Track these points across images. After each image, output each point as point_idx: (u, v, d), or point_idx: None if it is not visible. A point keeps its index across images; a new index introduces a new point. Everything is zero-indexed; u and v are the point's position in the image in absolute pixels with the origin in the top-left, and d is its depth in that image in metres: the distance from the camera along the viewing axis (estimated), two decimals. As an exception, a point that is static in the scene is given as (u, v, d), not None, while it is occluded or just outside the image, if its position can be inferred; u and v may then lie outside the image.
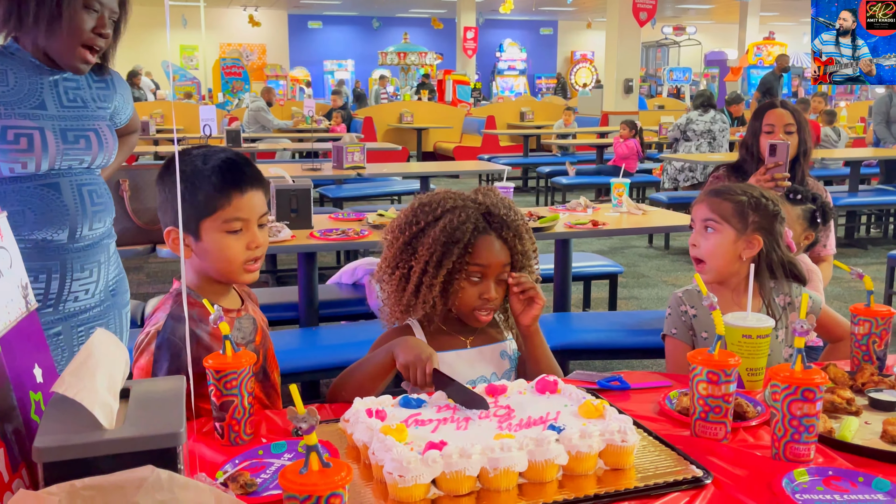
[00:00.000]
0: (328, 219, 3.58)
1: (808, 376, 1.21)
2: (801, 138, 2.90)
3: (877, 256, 6.82)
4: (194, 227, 1.47)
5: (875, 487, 1.16)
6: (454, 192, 1.65)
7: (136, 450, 0.92)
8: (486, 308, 1.61)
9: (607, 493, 1.13)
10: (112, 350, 1.00)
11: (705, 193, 1.89)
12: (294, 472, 0.92)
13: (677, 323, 1.86)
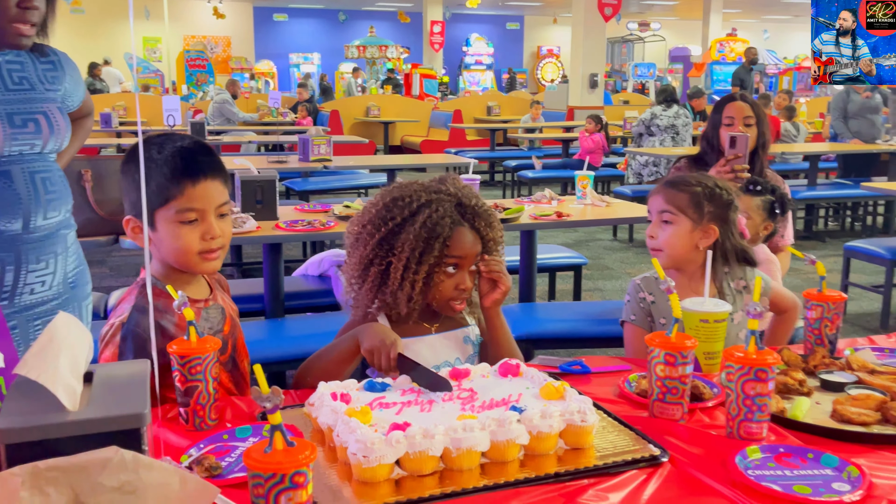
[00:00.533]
0: (294, 210, 3.58)
1: (762, 357, 1.25)
2: (759, 131, 2.96)
3: (834, 248, 6.96)
4: (149, 218, 1.45)
5: (823, 463, 1.20)
6: (423, 184, 1.65)
7: (99, 431, 0.93)
8: (461, 298, 1.63)
9: (567, 471, 1.16)
10: (75, 333, 1.01)
11: (661, 185, 1.93)
12: (258, 451, 0.94)
13: (636, 309, 1.89)
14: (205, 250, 1.49)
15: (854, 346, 1.76)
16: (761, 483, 1.13)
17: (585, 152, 8.53)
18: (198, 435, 1.30)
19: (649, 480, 1.15)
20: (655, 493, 1.12)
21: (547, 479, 1.14)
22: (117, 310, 1.47)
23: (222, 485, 1.12)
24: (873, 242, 4.88)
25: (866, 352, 1.68)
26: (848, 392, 1.45)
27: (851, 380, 1.50)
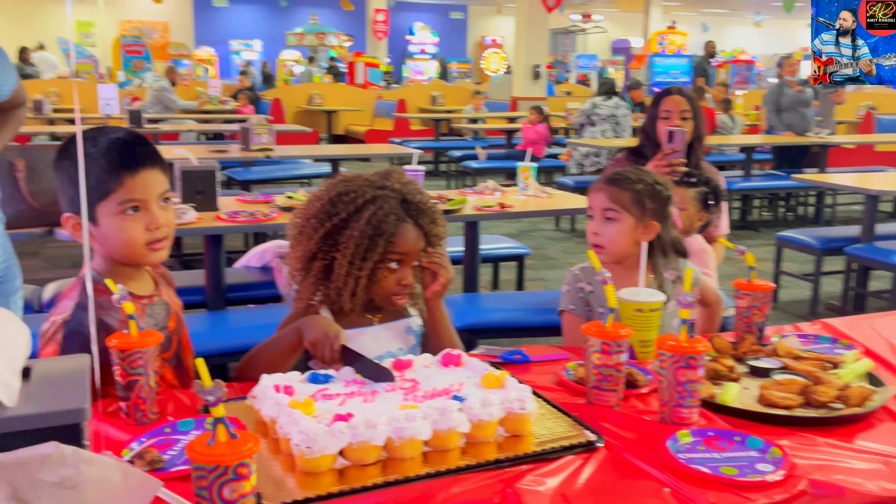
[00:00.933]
0: (235, 201, 3.54)
1: (692, 345, 1.30)
2: (695, 124, 3.04)
3: (768, 238, 7.17)
4: (90, 213, 1.44)
5: (749, 445, 1.26)
6: (369, 179, 1.65)
7: (39, 426, 0.92)
8: (403, 293, 1.65)
9: (507, 458, 1.20)
10: (11, 328, 1.00)
11: (603, 182, 1.96)
12: (201, 444, 0.94)
13: (574, 299, 1.94)
14: (150, 241, 1.48)
15: (781, 334, 1.84)
16: (691, 466, 1.18)
17: (528, 143, 8.61)
18: (139, 429, 1.29)
19: (585, 465, 1.19)
20: (591, 478, 1.16)
21: (487, 466, 1.17)
22: (59, 307, 1.45)
23: (165, 478, 1.12)
24: (804, 232, 5.05)
25: (792, 338, 1.76)
26: (774, 377, 1.51)
27: (777, 366, 1.56)
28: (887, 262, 4.42)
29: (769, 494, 1.12)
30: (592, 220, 1.94)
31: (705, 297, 2.09)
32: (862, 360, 1.58)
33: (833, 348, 1.74)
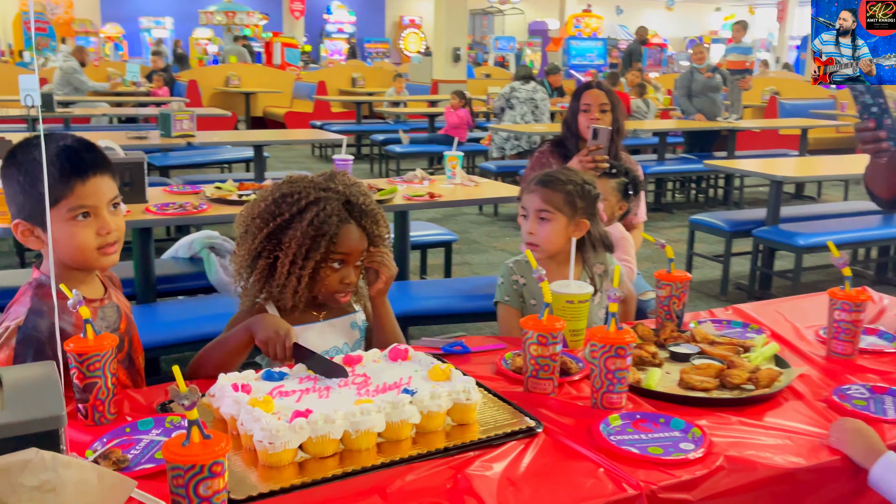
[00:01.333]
0: (163, 192, 3.51)
1: (620, 336, 1.42)
2: (614, 116, 3.19)
3: (681, 220, 7.49)
4: (40, 219, 1.45)
5: (672, 426, 1.39)
6: (313, 181, 1.71)
7: (18, 434, 0.97)
8: (346, 291, 1.72)
9: (455, 445, 1.29)
10: (-16, 340, 1.03)
11: (536, 184, 2.06)
12: (177, 445, 1.00)
13: (509, 291, 2.04)
14: (101, 245, 1.51)
15: (698, 320, 1.99)
16: (621, 447, 1.30)
17: (451, 127, 8.72)
18: (99, 430, 1.33)
19: (527, 450, 1.30)
20: (532, 461, 1.26)
21: (437, 454, 1.27)
22: (10, 312, 1.46)
23: (131, 477, 1.17)
24: (715, 216, 5.31)
25: (707, 325, 1.91)
26: (693, 362, 1.65)
27: (695, 351, 1.71)
28: (790, 244, 4.71)
29: (691, 471, 1.25)
30: (527, 220, 2.04)
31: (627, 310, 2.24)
32: (769, 344, 1.74)
33: (744, 332, 1.90)
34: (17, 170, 1.47)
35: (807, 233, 4.73)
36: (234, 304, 3.08)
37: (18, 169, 1.47)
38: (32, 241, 1.50)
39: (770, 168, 5.18)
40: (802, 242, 4.66)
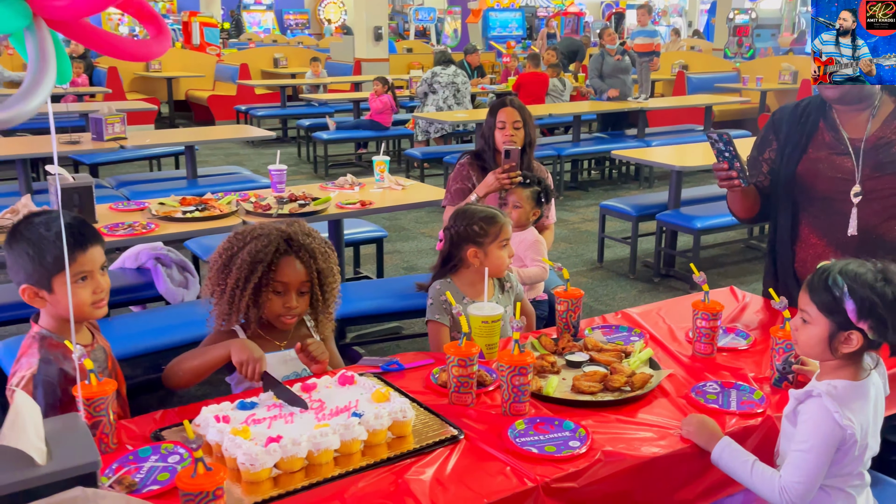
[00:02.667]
0: (109, 210, 3.73)
1: (522, 358, 1.79)
2: (526, 132, 3.55)
3: (596, 197, 7.97)
4: (47, 283, 1.75)
5: (564, 427, 1.77)
6: (265, 225, 2.05)
7: (67, 478, 1.28)
8: (290, 315, 2.05)
9: (395, 455, 1.65)
10: (30, 406, 1.33)
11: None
12: (187, 476, 1.33)
13: (438, 310, 2.39)
14: (95, 301, 1.81)
15: (592, 326, 2.39)
16: (524, 448, 1.68)
17: (375, 113, 8.97)
18: (106, 458, 1.64)
19: (451, 454, 1.66)
20: (456, 464, 1.63)
21: (382, 464, 1.62)
22: (22, 364, 1.75)
23: (141, 497, 1.49)
24: (623, 201, 5.77)
25: (597, 333, 2.31)
26: (583, 369, 2.05)
27: (585, 359, 2.10)
28: (689, 227, 5.21)
29: (577, 464, 1.64)
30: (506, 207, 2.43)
31: (525, 311, 2.61)
32: (645, 350, 2.14)
33: (629, 337, 2.31)
34: (27, 244, 1.74)
35: (704, 216, 5.23)
36: (185, 315, 3.38)
37: (28, 243, 1.74)
38: (38, 302, 1.78)
39: (673, 158, 5.65)
40: (700, 225, 5.15)
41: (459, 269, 2.42)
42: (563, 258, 5.97)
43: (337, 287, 2.14)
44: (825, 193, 2.38)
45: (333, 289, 2.12)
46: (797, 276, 2.47)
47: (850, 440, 1.61)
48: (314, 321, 2.17)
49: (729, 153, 2.27)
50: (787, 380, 1.98)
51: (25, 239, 1.75)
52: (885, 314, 1.56)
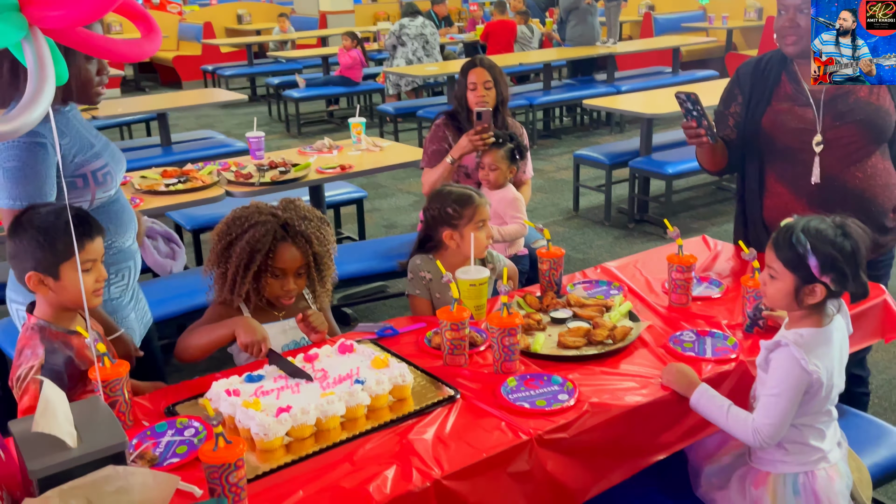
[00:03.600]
0: (92, 186, 3.76)
1: (511, 320, 1.91)
2: (497, 90, 3.61)
3: (569, 145, 8.06)
4: (55, 271, 1.82)
5: (553, 382, 1.90)
6: (262, 208, 2.13)
7: (98, 458, 1.38)
8: (287, 296, 2.15)
9: (397, 417, 1.76)
10: (57, 393, 1.43)
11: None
12: (209, 450, 1.44)
13: (419, 285, 2.47)
14: (96, 289, 1.88)
15: (573, 282, 2.50)
16: (516, 403, 1.80)
17: (344, 68, 8.93)
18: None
19: (450, 414, 1.78)
20: (455, 422, 1.75)
21: (385, 426, 1.73)
22: (25, 355, 1.81)
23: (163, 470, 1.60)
24: (596, 150, 5.87)
25: (579, 289, 2.42)
26: (568, 325, 2.17)
27: (569, 315, 2.22)
28: (661, 172, 5.33)
29: (566, 416, 1.76)
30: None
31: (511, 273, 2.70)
32: (624, 303, 2.27)
33: (609, 290, 2.43)
34: (36, 231, 1.80)
35: (675, 161, 5.34)
36: (176, 287, 3.46)
37: (38, 230, 1.80)
38: (41, 289, 1.85)
39: (643, 106, 5.73)
40: (671, 171, 5.27)
41: (439, 250, 2.48)
42: (539, 208, 6.08)
43: (332, 266, 2.23)
44: (789, 144, 2.49)
45: (329, 268, 2.21)
46: (766, 224, 2.59)
47: (817, 384, 1.75)
48: (312, 295, 2.26)
49: (697, 112, 2.37)
50: (758, 325, 2.12)
51: (35, 227, 1.81)
52: (845, 267, 1.69)
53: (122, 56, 1.48)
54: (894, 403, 3.30)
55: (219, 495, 1.43)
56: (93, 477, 1.37)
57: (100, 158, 2.10)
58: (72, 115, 2.09)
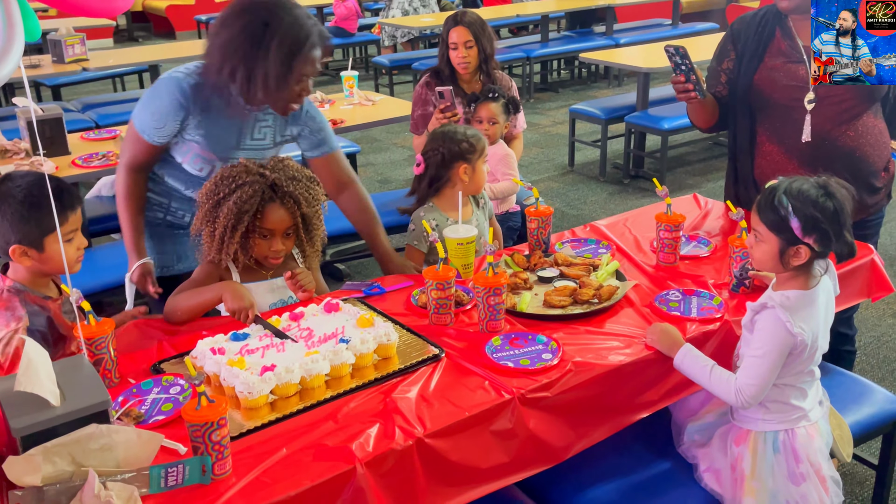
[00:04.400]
0: (81, 140, 3.73)
1: (496, 280, 1.91)
2: (480, 48, 3.55)
3: (566, 99, 7.99)
4: (39, 243, 1.81)
5: (537, 341, 1.91)
6: (249, 167, 2.09)
7: (82, 416, 1.39)
8: (275, 257, 2.13)
9: (382, 375, 1.77)
10: (39, 352, 1.43)
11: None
12: (192, 408, 1.45)
13: (418, 237, 2.47)
14: (78, 257, 1.89)
15: (562, 240, 2.50)
16: (500, 362, 1.81)
17: (340, 20, 8.80)
18: (111, 392, 1.74)
19: (434, 372, 1.79)
20: (439, 381, 1.76)
21: (370, 384, 1.75)
22: (4, 316, 1.81)
23: (148, 428, 1.61)
24: (592, 104, 5.82)
25: (567, 248, 2.42)
26: (554, 284, 2.17)
27: (556, 274, 2.22)
28: (657, 128, 5.29)
29: (549, 375, 1.77)
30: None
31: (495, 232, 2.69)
32: (612, 263, 2.27)
33: (597, 249, 2.43)
34: (20, 206, 1.79)
35: (672, 116, 5.30)
36: (165, 243, 3.39)
37: (21, 205, 1.79)
38: (24, 260, 1.85)
39: (640, 57, 5.67)
40: (667, 126, 5.24)
41: (442, 190, 2.49)
42: (534, 163, 6.05)
43: (321, 227, 2.21)
44: (781, 101, 2.46)
45: (318, 228, 2.19)
46: (756, 182, 2.58)
47: (801, 346, 1.76)
48: (301, 255, 2.26)
49: (685, 66, 2.34)
50: (745, 285, 2.13)
51: (18, 201, 1.80)
52: (828, 227, 1.68)
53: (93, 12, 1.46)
54: (881, 361, 3.34)
55: (202, 453, 1.44)
56: (76, 435, 1.38)
57: (209, 151, 2.29)
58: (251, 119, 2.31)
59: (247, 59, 2.13)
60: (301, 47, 2.14)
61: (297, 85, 2.19)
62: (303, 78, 2.19)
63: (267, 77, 2.13)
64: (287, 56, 2.12)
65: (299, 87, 2.20)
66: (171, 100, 2.23)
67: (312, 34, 2.17)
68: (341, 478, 1.48)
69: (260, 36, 2.11)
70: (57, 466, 1.37)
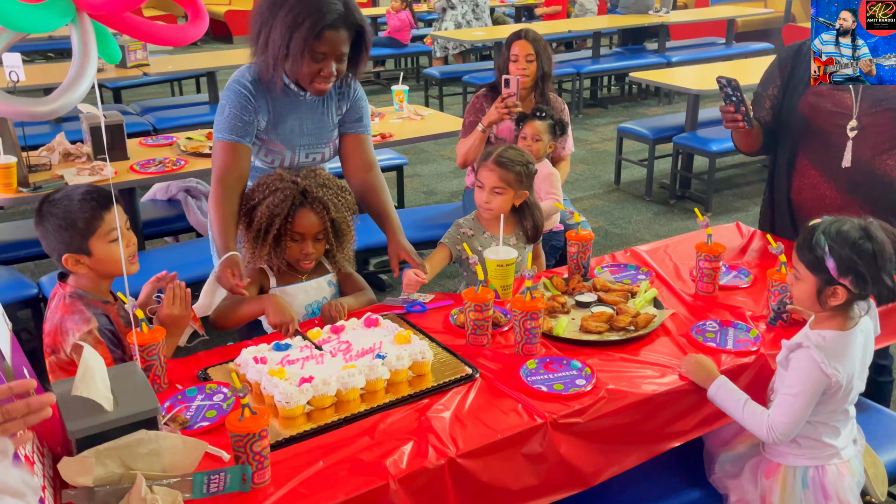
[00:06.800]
0: (139, 146, 3.87)
1: (534, 304, 1.94)
2: (539, 64, 3.60)
3: (615, 115, 7.98)
4: (85, 248, 1.90)
5: (572, 366, 1.94)
6: (284, 175, 2.22)
7: (132, 422, 1.47)
8: (307, 260, 2.23)
9: (416, 392, 1.82)
10: (97, 358, 1.51)
11: (493, 163, 2.44)
12: (235, 419, 1.51)
13: (452, 237, 2.50)
14: (129, 256, 1.97)
15: (602, 265, 2.52)
16: (534, 386, 1.85)
17: (393, 31, 8.92)
18: (158, 398, 1.82)
19: (469, 392, 1.84)
20: (473, 401, 1.80)
21: (404, 401, 1.80)
22: (70, 324, 1.87)
23: (192, 434, 1.68)
24: (640, 123, 5.81)
25: (606, 273, 2.45)
26: (591, 310, 2.20)
27: (594, 299, 2.25)
28: (705, 150, 5.27)
29: (582, 401, 1.80)
30: (483, 190, 2.48)
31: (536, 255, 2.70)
32: (650, 290, 2.29)
33: (636, 275, 2.45)
34: (55, 218, 1.89)
35: (720, 138, 5.27)
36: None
37: (56, 217, 1.89)
38: (80, 268, 1.94)
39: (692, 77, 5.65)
40: (715, 148, 5.21)
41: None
42: (580, 180, 6.06)
43: (351, 233, 2.30)
44: (824, 127, 2.49)
45: (347, 234, 2.30)
46: (791, 200, 2.61)
47: (835, 386, 1.76)
48: (333, 259, 2.34)
49: (736, 97, 2.36)
50: (782, 319, 2.13)
51: (53, 214, 1.90)
52: (865, 269, 1.68)
53: (166, 40, 1.54)
54: (925, 397, 3.28)
55: (244, 462, 1.51)
56: (126, 440, 1.46)
57: (277, 142, 2.39)
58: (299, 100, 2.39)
59: (264, 23, 2.21)
60: (304, 20, 2.15)
61: (313, 61, 2.22)
62: (318, 55, 2.21)
63: (269, 43, 2.20)
64: (290, 26, 2.16)
65: (318, 65, 2.23)
66: (238, 99, 2.32)
67: (326, 14, 2.16)
68: (375, 493, 1.53)
69: (280, 3, 2.18)
70: (108, 469, 1.44)
